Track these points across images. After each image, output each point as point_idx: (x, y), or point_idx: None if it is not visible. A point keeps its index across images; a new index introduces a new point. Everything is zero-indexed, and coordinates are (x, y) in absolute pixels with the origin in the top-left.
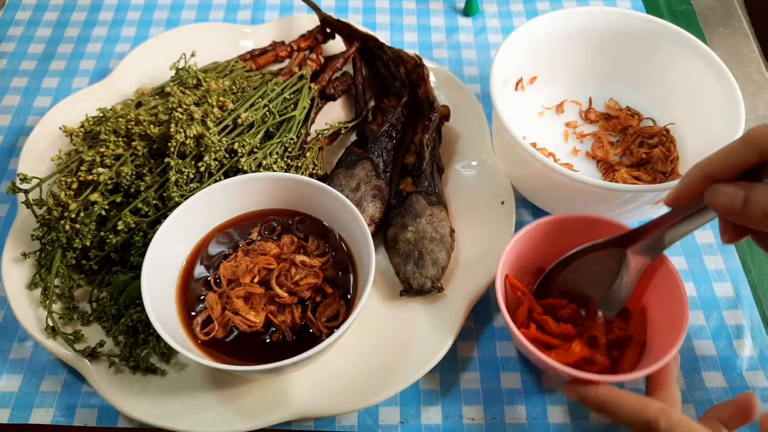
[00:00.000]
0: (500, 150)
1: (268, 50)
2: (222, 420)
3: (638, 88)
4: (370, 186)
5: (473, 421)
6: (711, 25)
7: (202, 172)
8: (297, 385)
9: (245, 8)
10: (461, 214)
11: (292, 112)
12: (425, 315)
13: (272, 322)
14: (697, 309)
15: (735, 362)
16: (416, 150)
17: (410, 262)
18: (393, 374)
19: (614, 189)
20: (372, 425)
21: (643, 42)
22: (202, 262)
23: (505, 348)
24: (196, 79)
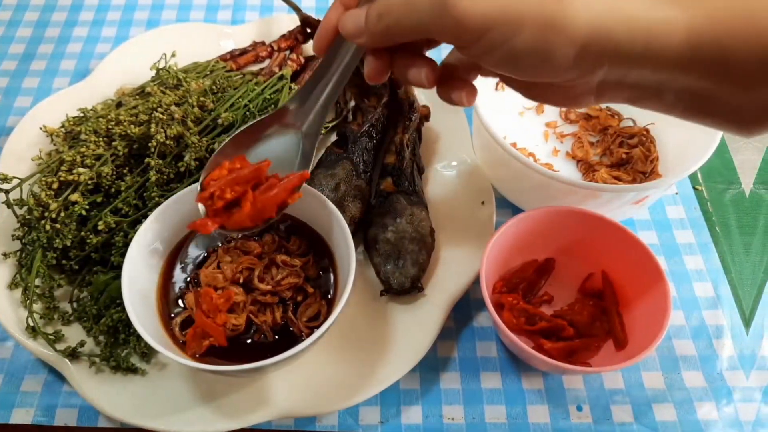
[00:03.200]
0: (480, 150)
1: (248, 50)
2: (202, 420)
3: None
4: (350, 186)
5: (453, 420)
6: None
7: (182, 172)
8: (277, 385)
9: (225, 8)
10: (441, 214)
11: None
12: (405, 315)
13: (253, 322)
14: (678, 309)
15: (715, 362)
16: (396, 150)
17: (390, 262)
18: (373, 374)
19: (594, 189)
20: (352, 425)
21: None
22: (182, 262)
23: (485, 348)
24: (177, 79)
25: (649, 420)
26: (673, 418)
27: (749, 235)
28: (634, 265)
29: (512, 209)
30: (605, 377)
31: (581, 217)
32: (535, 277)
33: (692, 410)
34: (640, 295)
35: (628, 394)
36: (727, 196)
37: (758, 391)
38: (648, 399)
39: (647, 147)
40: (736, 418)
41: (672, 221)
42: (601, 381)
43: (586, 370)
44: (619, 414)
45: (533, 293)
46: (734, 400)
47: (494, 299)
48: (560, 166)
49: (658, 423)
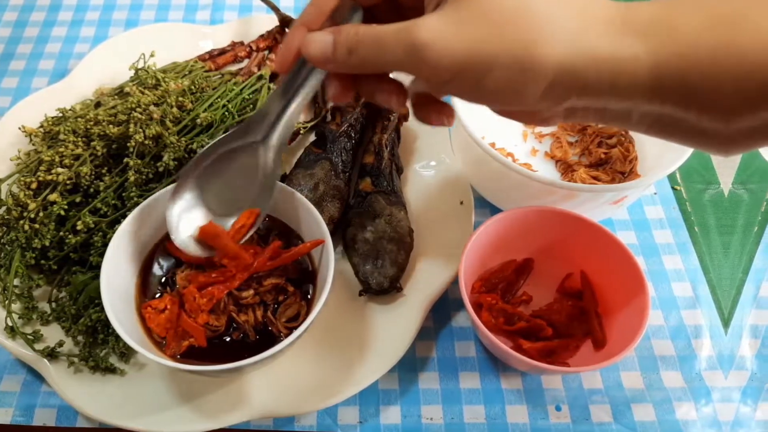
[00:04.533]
0: (459, 150)
1: (227, 50)
2: (181, 420)
3: None
4: (329, 186)
5: (432, 420)
6: None
7: (161, 172)
8: (256, 385)
9: (204, 8)
10: (420, 214)
11: (251, 113)
12: (384, 315)
13: (233, 322)
14: (656, 309)
15: (694, 362)
16: (375, 150)
17: (369, 262)
18: (352, 374)
19: (573, 189)
20: (331, 425)
21: None
22: (160, 262)
23: (464, 348)
24: (155, 80)
25: (628, 420)
26: (652, 418)
27: (728, 235)
28: (613, 266)
29: (491, 209)
30: (584, 377)
31: (560, 217)
32: (513, 277)
33: (671, 410)
34: (618, 295)
35: (607, 394)
36: (705, 196)
37: (737, 391)
38: (627, 399)
39: (626, 147)
40: (715, 418)
41: (651, 221)
42: (580, 381)
43: (565, 370)
44: (597, 414)
45: (512, 293)
46: (713, 400)
47: (473, 299)
48: (539, 166)
49: (636, 423)
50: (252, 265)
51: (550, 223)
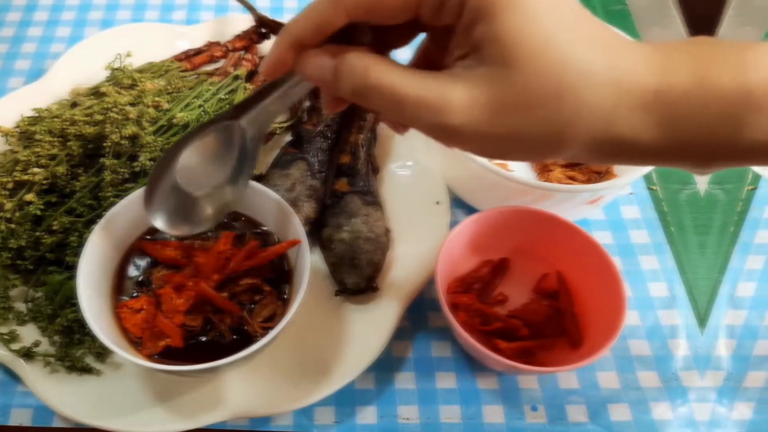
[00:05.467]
0: (436, 150)
1: (203, 50)
2: (157, 420)
3: None
4: (305, 186)
5: (408, 420)
6: (646, 24)
7: (137, 172)
8: (232, 385)
9: (180, 8)
10: (397, 214)
11: None
12: (360, 315)
13: (209, 322)
14: (633, 309)
15: (670, 362)
16: (351, 150)
17: (345, 262)
18: (328, 374)
19: (548, 189)
20: (307, 425)
21: None
22: (136, 262)
23: (440, 348)
24: (132, 79)
25: (604, 420)
26: (628, 418)
27: (704, 235)
28: (589, 265)
29: (467, 209)
30: (560, 377)
31: (536, 216)
32: (490, 277)
33: (647, 410)
34: (595, 295)
35: (583, 394)
36: (681, 196)
37: (713, 391)
38: (603, 399)
39: None
40: (691, 418)
41: (627, 221)
42: (556, 381)
43: (541, 370)
44: (574, 414)
45: (488, 293)
46: (689, 400)
47: (449, 299)
48: (515, 166)
49: (613, 423)
50: (228, 265)
51: (526, 223)
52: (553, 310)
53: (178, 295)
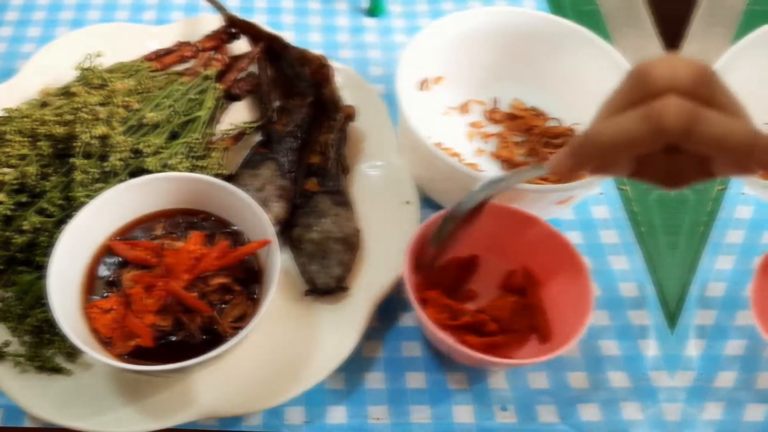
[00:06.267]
0: (406, 150)
1: (173, 50)
2: (128, 420)
3: (544, 88)
4: (275, 186)
5: (379, 420)
6: (617, 25)
7: (107, 172)
8: (202, 384)
9: (150, 8)
10: (367, 214)
11: (197, 113)
12: (330, 315)
13: (179, 322)
14: (603, 309)
15: (640, 362)
16: (321, 150)
17: (315, 262)
18: (298, 374)
19: (519, 189)
20: (277, 425)
21: (548, 42)
22: (106, 263)
23: (411, 348)
24: (102, 79)
25: (574, 420)
26: (598, 418)
27: (674, 235)
28: (557, 261)
29: (438, 209)
30: (530, 377)
31: (504, 213)
32: (458, 273)
33: (617, 410)
34: (563, 290)
35: (553, 394)
36: (651, 196)
37: (683, 392)
38: (573, 399)
39: None
40: (661, 418)
41: (597, 221)
42: (526, 381)
43: (508, 362)
44: (544, 414)
45: (457, 290)
46: (659, 400)
47: (419, 297)
48: (486, 167)
49: (582, 423)
50: (198, 265)
51: (494, 220)
52: (519, 306)
53: (148, 295)
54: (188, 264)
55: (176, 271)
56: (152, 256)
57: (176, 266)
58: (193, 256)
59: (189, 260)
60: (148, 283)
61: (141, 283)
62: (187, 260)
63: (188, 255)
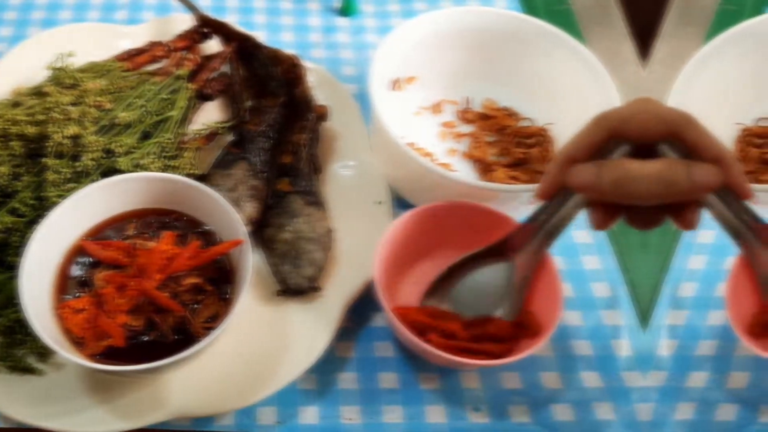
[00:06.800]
0: (378, 150)
1: (145, 50)
2: (100, 420)
3: (517, 88)
4: (247, 186)
5: (351, 421)
6: (589, 25)
7: (79, 171)
8: (174, 385)
9: (122, 8)
10: (340, 213)
11: (169, 113)
12: (302, 315)
13: (151, 322)
14: (575, 309)
15: (613, 362)
16: (293, 150)
17: (287, 262)
18: (270, 374)
19: (490, 189)
20: (249, 425)
21: (521, 42)
22: (78, 263)
23: (383, 348)
24: (73, 79)
25: (547, 420)
26: (571, 418)
27: (646, 235)
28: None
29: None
30: (503, 377)
31: (476, 212)
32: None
33: (590, 410)
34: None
35: (526, 394)
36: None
37: (655, 392)
38: (545, 399)
39: (545, 147)
40: (633, 418)
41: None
42: (499, 381)
43: (479, 363)
44: (516, 414)
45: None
46: (631, 400)
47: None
48: (458, 166)
49: (555, 423)
50: (171, 265)
51: (465, 219)
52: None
53: (120, 294)
54: (160, 264)
55: (148, 271)
56: (124, 256)
57: (148, 266)
58: (165, 256)
59: (161, 260)
60: (120, 283)
61: (113, 283)
62: (159, 260)
63: (160, 255)
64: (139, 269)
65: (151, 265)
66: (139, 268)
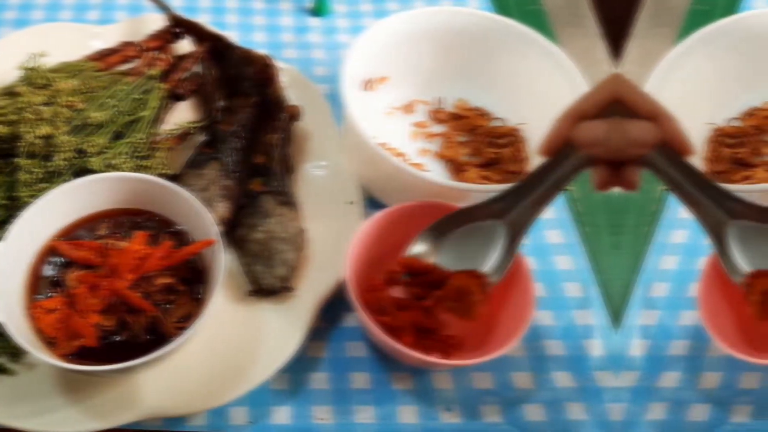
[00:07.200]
0: (350, 150)
1: (117, 50)
2: (72, 420)
3: (489, 88)
4: (219, 186)
5: (323, 421)
6: (561, 25)
7: (51, 172)
8: (147, 384)
9: (95, 8)
10: (312, 213)
11: (141, 113)
12: (275, 315)
13: (124, 322)
14: (547, 309)
15: (585, 362)
16: (265, 150)
17: (260, 263)
18: (241, 374)
19: (462, 189)
20: (221, 425)
21: (493, 42)
22: (50, 263)
23: (355, 348)
24: (46, 79)
25: (519, 420)
26: (543, 418)
27: (618, 235)
28: None
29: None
30: (474, 378)
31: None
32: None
33: (562, 410)
34: (505, 290)
35: (498, 394)
36: (596, 196)
37: (627, 392)
38: (517, 399)
39: (517, 147)
40: (605, 418)
41: (541, 222)
42: (471, 381)
43: (450, 363)
44: (488, 414)
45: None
46: (603, 400)
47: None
48: (430, 166)
49: (527, 423)
50: (143, 265)
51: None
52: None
53: (92, 294)
54: (132, 264)
55: (120, 271)
56: (96, 256)
57: (120, 266)
58: (138, 256)
59: (133, 260)
60: (93, 283)
61: (85, 283)
62: (132, 260)
63: (132, 255)
64: (112, 269)
65: (123, 265)
66: (111, 268)
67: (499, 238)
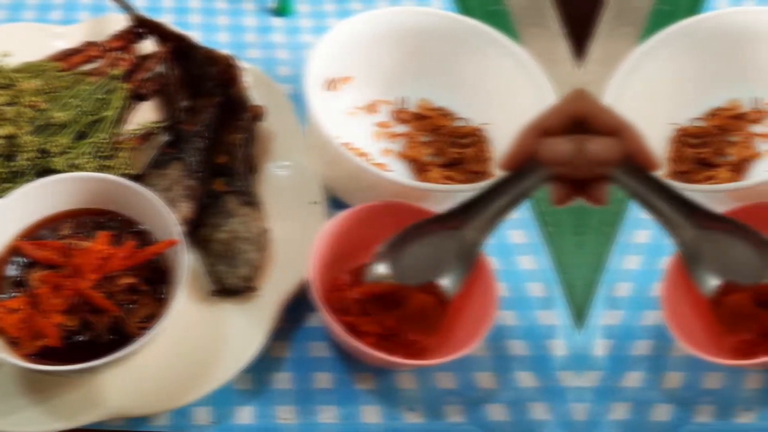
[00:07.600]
0: (314, 150)
1: (79, 50)
2: (34, 420)
3: (452, 88)
4: (182, 186)
5: (286, 420)
6: (525, 25)
7: (14, 172)
8: (110, 385)
9: (57, 8)
10: (275, 213)
11: (104, 113)
12: (238, 315)
13: (86, 322)
14: (510, 309)
15: (548, 362)
16: (228, 150)
17: (223, 262)
18: (204, 374)
19: (425, 189)
20: (184, 425)
21: (455, 42)
22: (13, 263)
23: (318, 348)
24: (8, 79)
25: (482, 420)
26: (506, 418)
27: (581, 235)
28: None
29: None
30: (437, 377)
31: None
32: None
33: (525, 410)
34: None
35: (460, 394)
36: None
37: (590, 392)
38: (480, 399)
39: (480, 147)
40: (568, 418)
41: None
42: (434, 381)
43: (412, 363)
44: (451, 414)
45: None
46: (567, 400)
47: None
48: (393, 166)
49: (490, 423)
50: (106, 265)
51: (399, 218)
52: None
53: (55, 294)
54: (95, 264)
55: (83, 271)
56: (59, 256)
57: (83, 266)
58: (100, 256)
59: (96, 260)
60: (56, 283)
61: (48, 283)
62: (95, 260)
63: (95, 255)
64: (75, 269)
65: (86, 265)
66: (74, 268)
67: (457, 250)
